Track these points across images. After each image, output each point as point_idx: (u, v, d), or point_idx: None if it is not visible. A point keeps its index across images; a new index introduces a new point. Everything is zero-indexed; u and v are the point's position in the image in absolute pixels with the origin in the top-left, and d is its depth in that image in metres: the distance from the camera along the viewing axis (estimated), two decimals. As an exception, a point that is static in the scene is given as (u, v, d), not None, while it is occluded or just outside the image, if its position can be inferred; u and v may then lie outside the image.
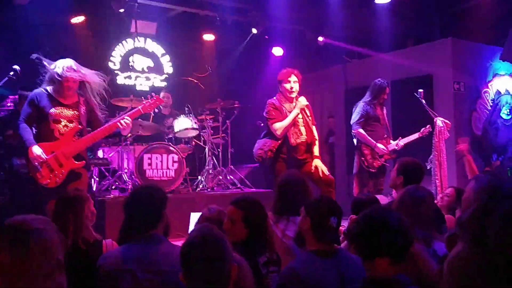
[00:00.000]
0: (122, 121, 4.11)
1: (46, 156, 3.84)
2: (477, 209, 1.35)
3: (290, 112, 4.83)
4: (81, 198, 2.81)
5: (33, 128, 4.03)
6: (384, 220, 1.90)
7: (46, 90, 4.01)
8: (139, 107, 4.39)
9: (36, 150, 3.83)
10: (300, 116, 4.88)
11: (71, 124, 4.02)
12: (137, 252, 2.30)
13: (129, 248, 2.34)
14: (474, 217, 1.34)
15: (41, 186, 3.91)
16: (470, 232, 1.32)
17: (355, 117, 5.73)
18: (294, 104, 4.88)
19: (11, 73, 3.90)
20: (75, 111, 4.07)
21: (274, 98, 4.96)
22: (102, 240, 2.75)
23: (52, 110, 3.98)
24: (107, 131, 4.13)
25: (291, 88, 4.87)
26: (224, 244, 1.80)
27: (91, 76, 4.14)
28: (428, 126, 5.74)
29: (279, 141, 4.79)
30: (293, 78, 4.89)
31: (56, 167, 3.90)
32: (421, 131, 5.79)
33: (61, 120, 4.00)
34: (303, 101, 4.87)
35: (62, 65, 3.96)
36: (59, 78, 3.92)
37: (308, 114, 4.98)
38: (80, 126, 4.07)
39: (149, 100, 4.48)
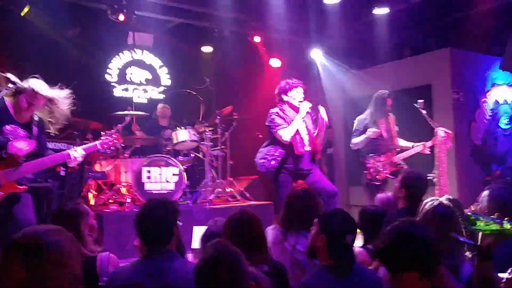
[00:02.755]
0: (73, 153, 3.86)
1: None
2: None
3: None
4: (78, 212, 2.72)
5: None
6: (411, 233, 1.85)
7: (4, 103, 3.70)
8: (97, 142, 4.11)
9: None
10: (303, 125, 4.86)
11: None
12: (149, 267, 2.25)
13: (141, 263, 2.30)
14: None
15: None
16: None
17: (353, 132, 5.74)
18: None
19: (9, 85, 3.74)
20: (27, 132, 3.79)
21: (276, 108, 4.94)
22: (95, 256, 2.62)
23: (7, 127, 3.69)
24: (58, 160, 3.87)
25: (303, 97, 4.87)
26: (240, 262, 1.74)
27: (58, 97, 3.85)
28: (428, 145, 5.67)
29: (283, 150, 4.74)
30: (300, 89, 4.96)
31: None
32: (421, 148, 5.71)
33: (12, 139, 3.68)
34: (306, 104, 4.86)
35: (37, 84, 3.73)
36: (31, 95, 3.67)
37: (310, 122, 4.96)
38: (29, 149, 3.72)
39: (108, 137, 4.15)
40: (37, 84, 3.75)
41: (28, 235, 1.50)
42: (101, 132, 4.23)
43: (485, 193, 2.89)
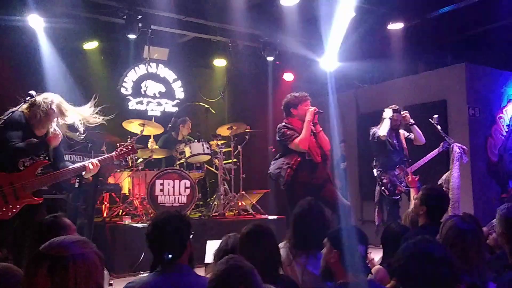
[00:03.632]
0: (89, 165, 3.88)
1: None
2: None
3: None
4: (58, 226, 2.67)
5: None
6: (427, 252, 1.80)
7: (24, 116, 3.76)
8: (113, 153, 4.15)
9: None
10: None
11: (37, 158, 3.78)
12: (161, 283, 2.22)
13: (153, 278, 2.26)
14: None
15: None
16: None
17: (373, 132, 5.71)
18: None
19: (27, 98, 3.79)
20: (44, 145, 3.84)
21: (283, 122, 4.91)
22: None
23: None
24: (74, 172, 3.90)
25: (309, 109, 4.83)
26: (253, 278, 1.72)
27: (74, 114, 3.91)
28: (436, 150, 5.63)
29: (299, 158, 4.69)
30: (308, 102, 4.89)
31: (11, 199, 3.61)
32: (429, 154, 5.68)
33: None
34: (311, 108, 4.83)
35: (48, 98, 3.78)
36: (47, 111, 3.72)
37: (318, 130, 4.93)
38: (46, 161, 3.80)
39: (124, 149, 4.18)
40: (49, 97, 3.80)
41: (54, 247, 1.51)
42: (117, 144, 4.27)
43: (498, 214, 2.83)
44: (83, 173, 3.92)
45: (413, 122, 5.81)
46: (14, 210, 3.62)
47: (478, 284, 2.21)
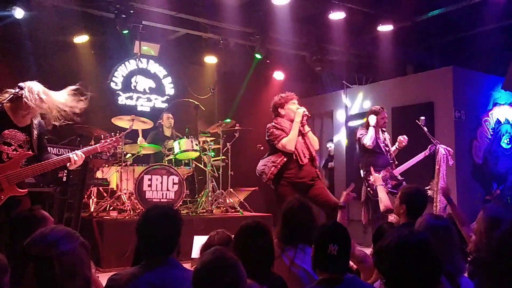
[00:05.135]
0: (73, 156, 3.86)
1: None
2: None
3: None
4: (35, 219, 2.67)
5: None
6: (404, 246, 1.83)
7: (3, 108, 3.70)
8: (98, 145, 4.17)
9: None
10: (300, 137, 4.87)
11: (21, 149, 3.75)
12: (150, 276, 2.19)
13: (141, 271, 2.23)
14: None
15: None
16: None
17: (359, 134, 5.76)
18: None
19: (17, 90, 3.76)
20: (27, 136, 3.80)
21: (273, 122, 4.95)
22: None
23: (6, 131, 3.71)
24: (58, 163, 3.86)
25: (297, 108, 4.87)
26: (238, 270, 1.74)
27: (58, 100, 3.84)
28: (423, 153, 5.70)
29: (285, 158, 4.74)
30: (295, 101, 4.94)
31: None
32: (416, 157, 5.75)
33: (12, 143, 3.72)
34: (301, 109, 4.85)
35: (33, 89, 3.71)
36: (26, 101, 3.66)
37: (306, 130, 4.97)
38: (30, 153, 3.77)
39: (108, 140, 4.22)
40: (34, 87, 3.74)
41: (38, 245, 1.50)
42: (101, 136, 4.29)
43: (480, 213, 2.90)
44: (68, 164, 3.89)
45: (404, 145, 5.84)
46: None
47: (453, 273, 2.28)
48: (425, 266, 1.81)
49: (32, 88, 3.73)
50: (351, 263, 2.88)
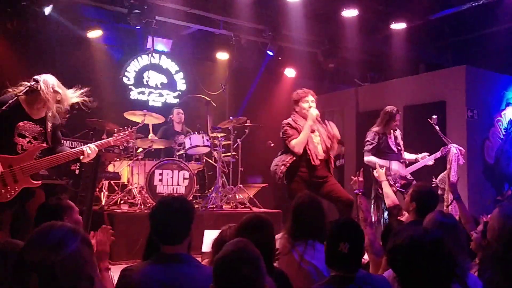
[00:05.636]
0: (87, 149, 3.91)
1: (1, 169, 3.58)
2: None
3: None
4: (61, 207, 2.74)
5: None
6: (419, 245, 1.83)
7: (18, 100, 3.73)
8: (111, 138, 4.21)
9: None
10: (316, 133, 4.87)
11: (35, 141, 3.80)
12: (161, 274, 2.16)
13: (153, 268, 2.20)
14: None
15: None
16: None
17: (366, 146, 5.72)
18: None
19: (32, 83, 3.81)
20: (42, 128, 3.85)
21: (289, 118, 4.96)
22: None
23: (21, 123, 3.76)
24: (72, 156, 3.91)
25: (309, 107, 4.88)
26: (257, 264, 1.72)
27: (69, 96, 3.91)
28: (431, 157, 5.67)
29: (294, 157, 4.76)
30: (310, 97, 4.95)
31: (10, 182, 3.64)
32: (428, 161, 5.71)
33: (27, 135, 3.77)
34: (313, 111, 4.86)
35: (48, 82, 3.77)
36: (42, 94, 3.71)
37: (325, 131, 4.96)
38: (45, 145, 3.83)
39: (121, 134, 4.26)
40: (50, 80, 3.80)
41: (39, 251, 1.44)
42: (114, 130, 4.32)
43: (496, 210, 2.89)
44: (81, 157, 3.93)
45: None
46: (13, 193, 3.65)
47: (458, 273, 2.28)
48: (439, 264, 1.81)
49: (48, 81, 3.78)
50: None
